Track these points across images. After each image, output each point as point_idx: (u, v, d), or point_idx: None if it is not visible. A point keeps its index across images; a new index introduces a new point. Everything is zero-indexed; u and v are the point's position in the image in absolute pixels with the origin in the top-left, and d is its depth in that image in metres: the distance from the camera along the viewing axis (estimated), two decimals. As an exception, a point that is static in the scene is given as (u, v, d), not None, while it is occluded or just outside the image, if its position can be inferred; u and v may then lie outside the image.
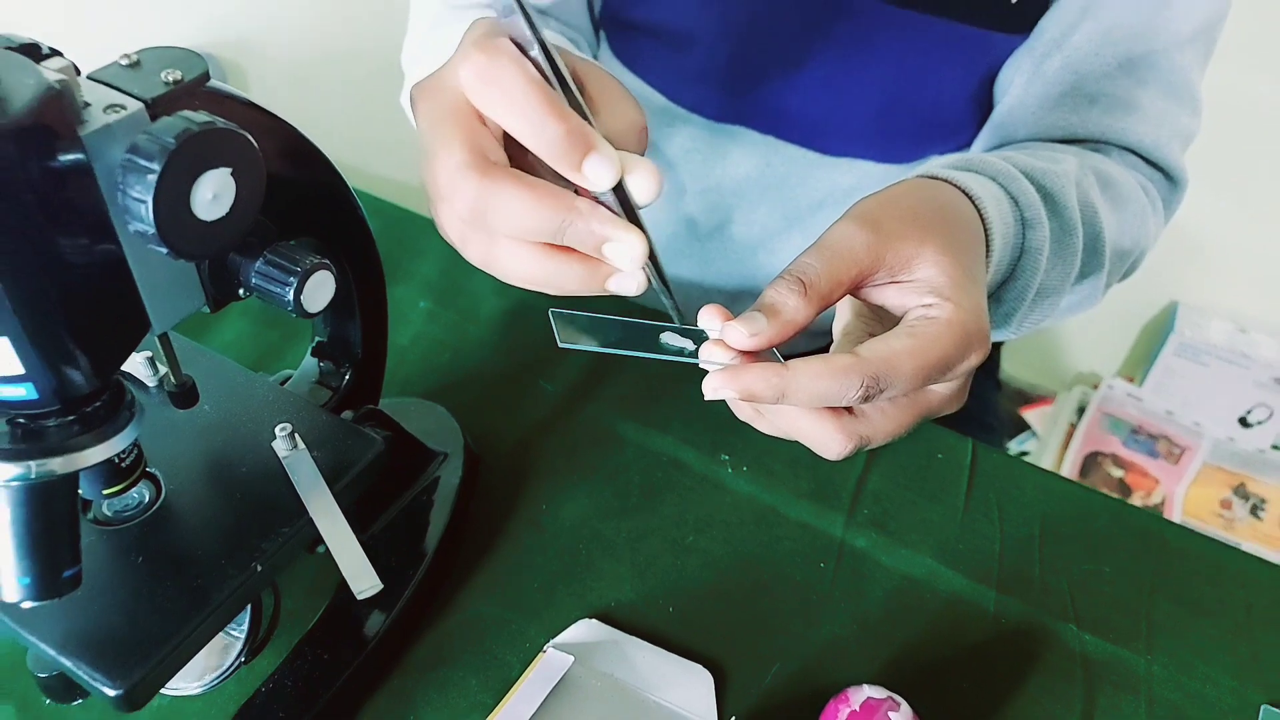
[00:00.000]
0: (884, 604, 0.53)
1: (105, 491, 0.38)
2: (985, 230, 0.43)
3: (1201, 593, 0.55)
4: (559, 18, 0.69)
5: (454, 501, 0.54)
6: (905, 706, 0.44)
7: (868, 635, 0.51)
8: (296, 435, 0.41)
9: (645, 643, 0.50)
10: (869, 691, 0.45)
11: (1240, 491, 1.37)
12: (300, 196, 0.40)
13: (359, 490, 0.42)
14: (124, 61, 0.34)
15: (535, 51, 0.33)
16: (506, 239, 0.34)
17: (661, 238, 0.75)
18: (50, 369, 0.32)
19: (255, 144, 0.32)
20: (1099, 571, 0.55)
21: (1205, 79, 0.63)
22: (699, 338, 0.36)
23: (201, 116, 0.30)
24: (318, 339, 0.47)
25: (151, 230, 0.30)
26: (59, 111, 0.29)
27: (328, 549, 0.47)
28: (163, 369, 0.44)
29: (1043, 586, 0.54)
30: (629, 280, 0.34)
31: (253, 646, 0.45)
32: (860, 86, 0.65)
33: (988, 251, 0.43)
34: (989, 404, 0.83)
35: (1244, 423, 1.38)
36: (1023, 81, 0.62)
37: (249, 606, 0.44)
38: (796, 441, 0.38)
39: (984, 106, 0.67)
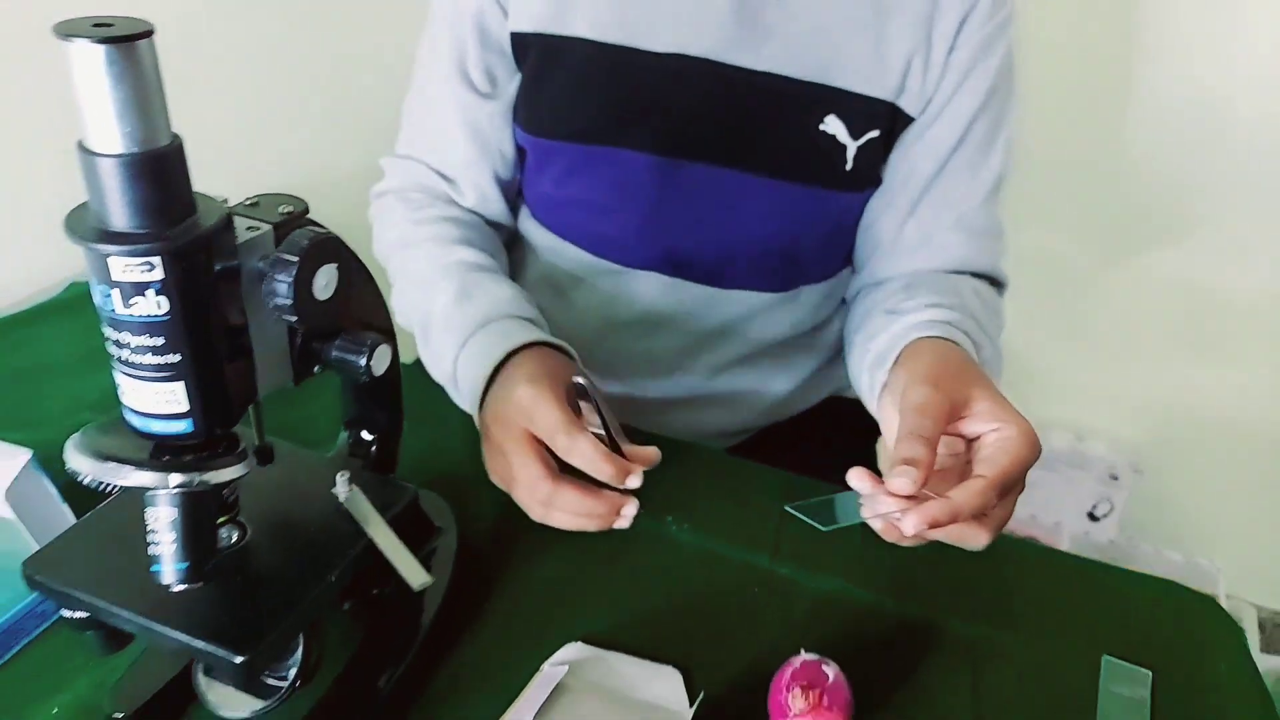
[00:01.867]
0: (807, 613, 0.66)
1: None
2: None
3: (1049, 583, 0.70)
4: (487, 215, 0.87)
5: (453, 564, 0.65)
6: (834, 665, 0.57)
7: (797, 634, 0.63)
8: (352, 482, 0.53)
9: (624, 655, 0.61)
10: (805, 656, 0.58)
11: (1102, 579, 1.55)
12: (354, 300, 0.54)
13: (400, 523, 0.54)
14: (248, 202, 0.48)
15: (593, 413, 0.58)
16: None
17: (597, 362, 0.90)
18: (203, 410, 0.44)
19: (350, 251, 0.47)
20: (973, 577, 0.70)
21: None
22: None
23: (321, 230, 0.45)
24: (349, 417, 0.60)
25: (289, 304, 0.44)
26: (228, 228, 0.44)
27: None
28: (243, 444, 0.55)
29: (930, 591, 0.68)
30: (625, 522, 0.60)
31: (305, 670, 0.54)
32: (744, 236, 0.84)
33: None
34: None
35: (1092, 517, 1.58)
36: (889, 238, 0.83)
37: (302, 644, 0.54)
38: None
39: (840, 245, 0.87)
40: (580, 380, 0.57)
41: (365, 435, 0.59)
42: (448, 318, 0.72)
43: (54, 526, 0.61)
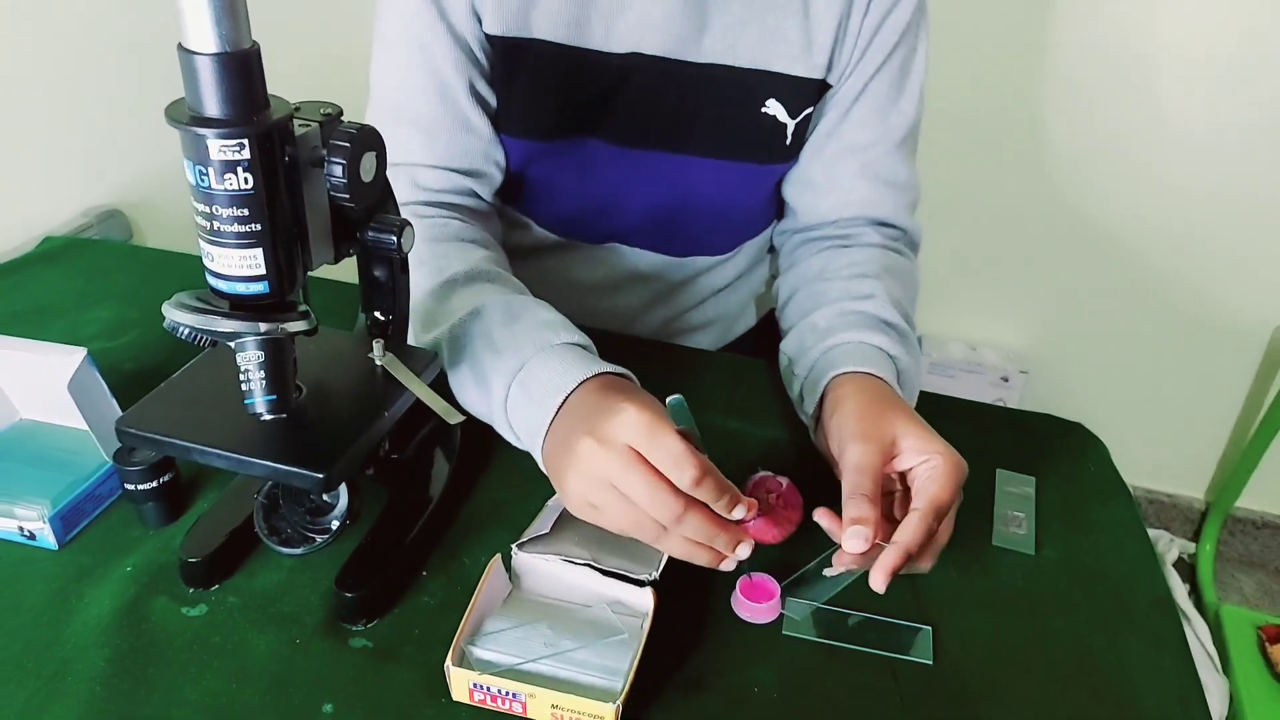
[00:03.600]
0: (759, 451, 0.79)
1: (281, 376, 0.59)
2: (894, 387, 0.72)
3: (955, 422, 0.84)
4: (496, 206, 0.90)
5: (460, 432, 0.76)
6: (786, 478, 0.70)
7: (754, 465, 0.76)
8: (386, 349, 0.64)
9: (612, 492, 0.73)
10: (763, 472, 0.71)
11: (999, 472, 1.74)
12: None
13: (428, 379, 0.64)
14: (293, 106, 0.57)
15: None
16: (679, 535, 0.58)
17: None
18: (276, 274, 0.54)
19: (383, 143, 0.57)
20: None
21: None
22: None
23: (361, 124, 0.55)
24: (365, 301, 0.69)
25: (343, 183, 0.54)
26: (289, 120, 0.53)
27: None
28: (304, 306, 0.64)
29: (856, 432, 0.82)
30: (733, 563, 0.60)
31: (351, 512, 0.65)
32: (695, 212, 0.93)
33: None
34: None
35: (989, 416, 1.78)
36: (801, 181, 0.91)
37: (345, 494, 0.64)
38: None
39: (774, 206, 0.98)
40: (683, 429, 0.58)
41: (379, 316, 0.69)
42: (493, 342, 0.69)
43: (106, 415, 0.70)
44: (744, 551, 0.60)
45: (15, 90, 1.13)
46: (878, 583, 0.60)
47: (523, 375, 0.66)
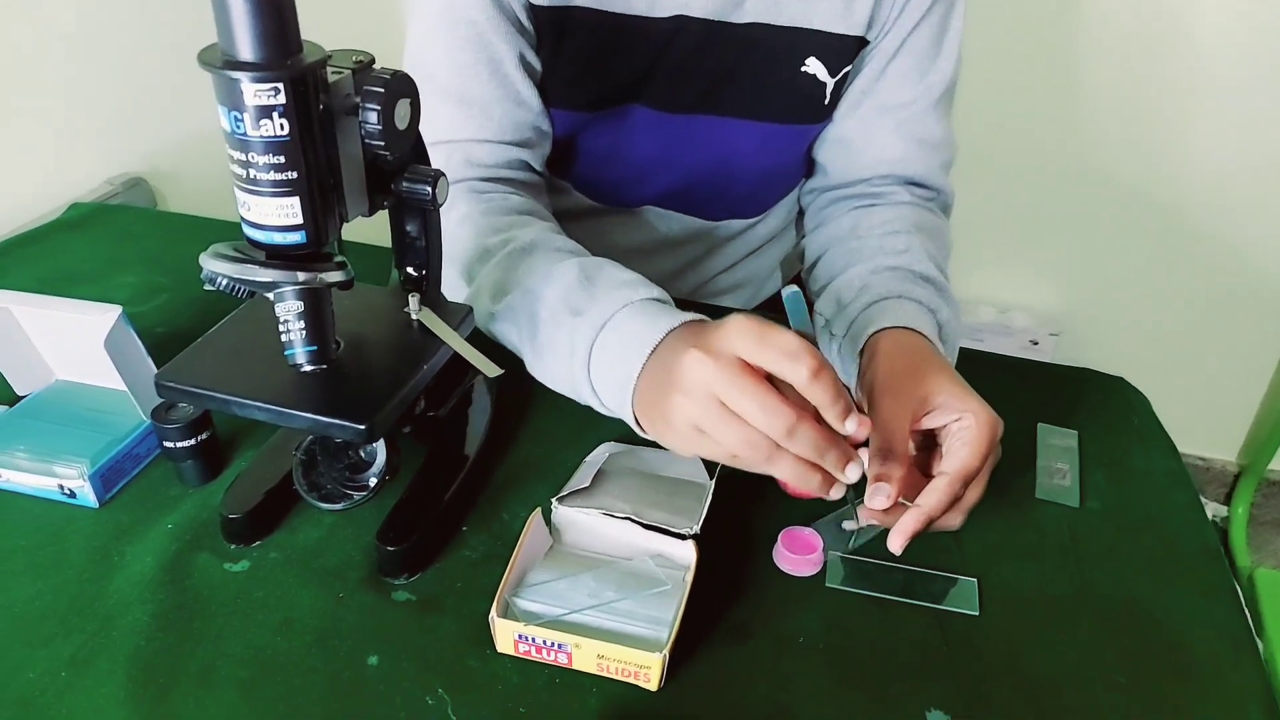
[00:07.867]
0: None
1: (321, 328, 0.58)
2: (934, 341, 0.71)
3: (994, 377, 0.83)
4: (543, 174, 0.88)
5: (496, 390, 0.75)
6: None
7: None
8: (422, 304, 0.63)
9: (650, 447, 0.72)
10: (803, 424, 0.70)
11: (1029, 435, 1.72)
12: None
13: (464, 334, 0.64)
14: (326, 53, 0.56)
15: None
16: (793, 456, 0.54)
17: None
18: (313, 223, 0.53)
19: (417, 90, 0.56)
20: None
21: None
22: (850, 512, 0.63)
23: (395, 70, 0.54)
24: (399, 256, 0.68)
25: (379, 130, 0.53)
26: (323, 66, 0.52)
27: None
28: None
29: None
30: (842, 489, 0.56)
31: (390, 468, 0.64)
32: (734, 175, 0.92)
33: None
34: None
35: (1018, 378, 1.76)
36: (835, 138, 0.89)
37: (384, 450, 0.64)
38: None
39: (807, 163, 0.96)
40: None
41: (413, 271, 0.68)
42: (571, 304, 0.67)
43: (143, 374, 0.69)
44: (853, 473, 0.55)
45: (38, 59, 1.12)
46: (895, 544, 0.59)
47: (605, 333, 0.64)
